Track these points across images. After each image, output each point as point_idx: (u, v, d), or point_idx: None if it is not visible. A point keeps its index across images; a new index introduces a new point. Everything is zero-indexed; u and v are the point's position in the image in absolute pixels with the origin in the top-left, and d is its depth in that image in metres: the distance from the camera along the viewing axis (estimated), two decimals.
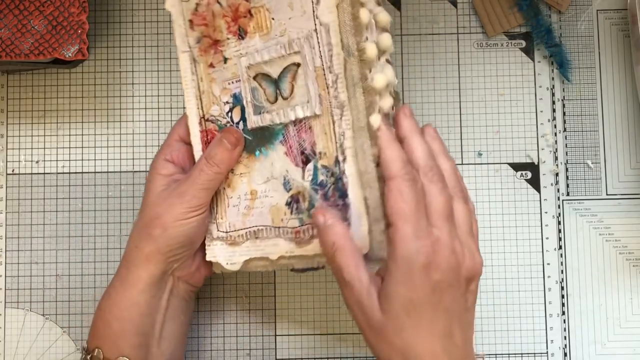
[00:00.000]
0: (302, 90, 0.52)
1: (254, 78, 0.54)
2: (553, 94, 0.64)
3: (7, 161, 0.64)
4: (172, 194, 0.53)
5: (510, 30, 0.64)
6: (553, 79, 0.64)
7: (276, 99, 0.53)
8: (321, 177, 0.52)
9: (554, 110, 0.64)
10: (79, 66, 0.64)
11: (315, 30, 0.51)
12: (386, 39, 0.51)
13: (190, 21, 0.55)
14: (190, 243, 0.55)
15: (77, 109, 0.64)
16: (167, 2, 0.56)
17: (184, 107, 0.57)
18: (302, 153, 0.53)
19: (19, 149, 0.64)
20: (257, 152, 0.54)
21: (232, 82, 0.55)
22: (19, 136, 0.64)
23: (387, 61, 0.51)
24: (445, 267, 0.46)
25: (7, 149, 0.64)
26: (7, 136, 0.64)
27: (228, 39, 0.54)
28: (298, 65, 0.52)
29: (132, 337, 0.53)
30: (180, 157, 0.56)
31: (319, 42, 0.51)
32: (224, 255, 0.56)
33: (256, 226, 0.55)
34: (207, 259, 0.56)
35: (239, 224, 0.55)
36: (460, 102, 0.64)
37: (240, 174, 0.55)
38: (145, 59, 0.64)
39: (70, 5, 0.57)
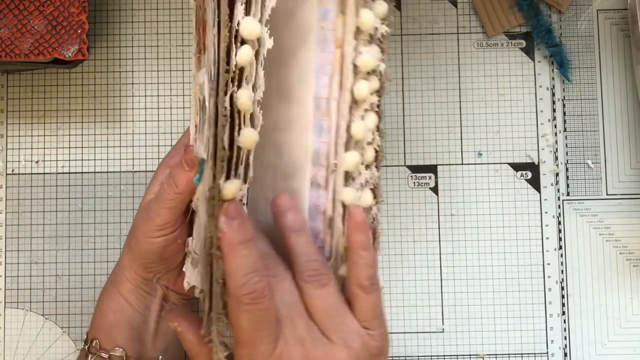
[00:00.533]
0: None
1: None
2: (553, 94, 0.64)
3: (7, 161, 0.64)
4: (144, 207, 0.53)
5: (510, 30, 0.64)
6: (553, 79, 0.64)
7: None
8: None
9: (554, 110, 0.64)
10: (79, 66, 0.64)
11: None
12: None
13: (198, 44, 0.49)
14: (160, 260, 0.53)
15: (77, 109, 0.64)
16: None
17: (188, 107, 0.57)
18: None
19: (19, 149, 0.64)
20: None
21: None
22: (19, 136, 0.64)
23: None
24: None
25: (7, 149, 0.64)
26: (7, 136, 0.64)
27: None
28: None
29: (125, 330, 0.54)
30: None
31: None
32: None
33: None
34: (184, 283, 0.51)
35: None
36: (460, 102, 0.64)
37: None
38: (145, 59, 0.64)
39: (70, 5, 0.57)
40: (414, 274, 0.63)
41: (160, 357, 0.55)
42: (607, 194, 0.64)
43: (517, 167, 0.64)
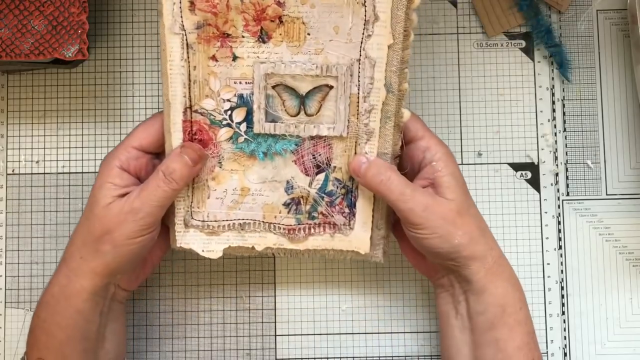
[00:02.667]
0: (330, 111, 0.53)
1: (273, 87, 0.53)
2: (553, 94, 0.64)
3: (7, 161, 0.64)
4: (124, 209, 0.51)
5: (510, 30, 0.64)
6: (553, 79, 0.64)
7: (297, 113, 0.53)
8: (331, 187, 0.55)
9: (553, 110, 0.64)
10: (79, 66, 0.64)
11: (359, 61, 0.52)
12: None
13: (192, 3, 0.52)
14: (139, 259, 0.54)
15: (77, 109, 0.64)
16: None
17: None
18: (315, 165, 0.55)
19: (19, 149, 0.64)
20: (261, 156, 0.55)
21: (240, 82, 0.54)
22: (19, 136, 0.64)
23: None
24: None
25: (7, 149, 0.64)
26: (7, 136, 0.64)
27: (243, 37, 0.52)
28: (331, 87, 0.53)
29: (78, 344, 0.52)
30: (138, 167, 0.54)
31: (359, 73, 0.52)
32: (198, 243, 0.56)
33: (243, 219, 0.56)
34: (177, 245, 0.56)
35: (222, 216, 0.56)
36: (460, 102, 0.64)
37: (232, 170, 0.55)
38: (145, 59, 0.64)
39: (70, 5, 0.57)
40: (414, 273, 0.63)
41: None
42: (606, 194, 0.64)
43: (516, 167, 0.64)
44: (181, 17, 0.52)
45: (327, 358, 0.63)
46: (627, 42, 0.64)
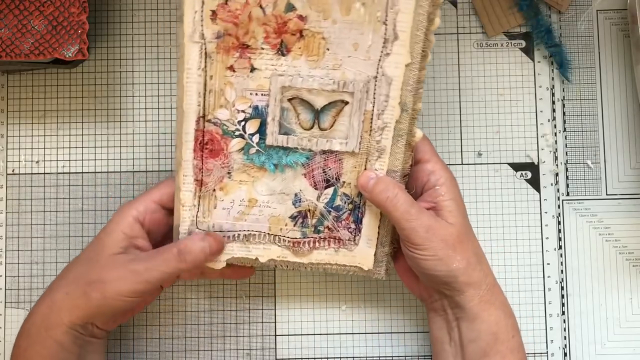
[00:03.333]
0: (343, 127, 0.53)
1: (289, 100, 0.53)
2: (553, 94, 0.64)
3: (7, 161, 0.64)
4: (126, 267, 0.52)
5: (510, 30, 0.64)
6: (553, 79, 0.64)
7: (311, 127, 0.54)
8: (339, 202, 0.56)
9: (553, 110, 0.64)
10: (79, 66, 0.64)
11: (376, 78, 0.52)
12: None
13: (214, 12, 0.51)
14: (124, 314, 0.55)
15: (77, 109, 0.64)
16: None
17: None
18: (325, 179, 0.55)
19: (19, 149, 0.64)
20: (272, 168, 0.55)
21: (256, 94, 0.53)
22: (19, 136, 0.64)
23: None
24: None
25: (7, 149, 0.64)
26: (7, 136, 0.64)
27: (263, 49, 0.52)
28: (346, 103, 0.53)
29: None
30: (152, 221, 0.55)
31: (375, 90, 0.52)
32: None
33: (249, 231, 0.56)
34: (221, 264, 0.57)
35: (227, 226, 0.56)
36: (460, 102, 0.64)
37: (240, 180, 0.55)
38: (145, 59, 0.64)
39: (70, 5, 0.57)
40: None
41: None
42: (606, 194, 0.64)
43: (516, 167, 0.64)
44: (202, 25, 0.51)
45: (327, 358, 0.63)
46: (627, 42, 0.64)
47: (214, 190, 0.55)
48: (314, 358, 0.63)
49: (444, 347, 0.55)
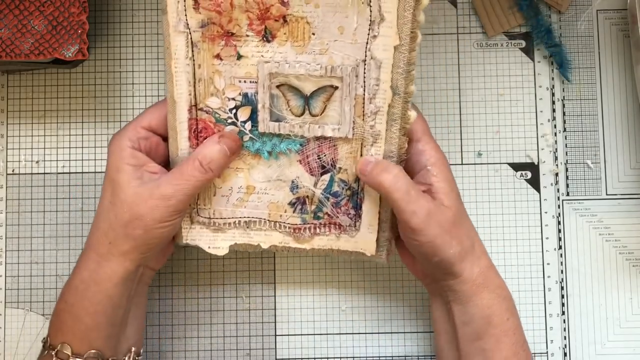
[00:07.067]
0: (334, 112, 0.53)
1: (278, 87, 0.53)
2: (553, 94, 0.64)
3: (7, 161, 0.64)
4: (155, 195, 0.51)
5: (510, 30, 0.64)
6: (553, 79, 0.64)
7: (302, 114, 0.53)
8: (336, 188, 0.55)
9: (553, 110, 0.64)
10: (79, 66, 0.64)
11: (365, 61, 0.52)
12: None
13: (196, 1, 0.51)
14: (168, 240, 0.55)
15: (77, 109, 0.64)
16: None
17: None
18: (321, 166, 0.55)
19: (19, 149, 0.64)
20: (266, 155, 0.55)
21: (244, 81, 0.53)
22: (19, 136, 0.64)
23: None
24: None
25: (7, 149, 0.64)
26: (7, 136, 0.64)
27: (248, 36, 0.52)
28: (335, 88, 0.53)
29: (104, 330, 0.52)
30: (147, 147, 0.54)
31: (365, 74, 0.52)
32: (204, 239, 0.57)
33: (249, 217, 0.56)
34: (184, 241, 0.57)
35: (227, 213, 0.56)
36: (460, 102, 0.64)
37: (237, 168, 0.55)
38: (145, 59, 0.64)
39: (70, 5, 0.57)
40: None
41: (133, 348, 0.55)
42: (606, 194, 0.64)
43: (516, 167, 0.64)
44: (185, 15, 0.52)
45: (327, 358, 0.63)
46: (627, 42, 0.64)
47: None
48: (314, 358, 0.63)
49: (442, 327, 0.55)
